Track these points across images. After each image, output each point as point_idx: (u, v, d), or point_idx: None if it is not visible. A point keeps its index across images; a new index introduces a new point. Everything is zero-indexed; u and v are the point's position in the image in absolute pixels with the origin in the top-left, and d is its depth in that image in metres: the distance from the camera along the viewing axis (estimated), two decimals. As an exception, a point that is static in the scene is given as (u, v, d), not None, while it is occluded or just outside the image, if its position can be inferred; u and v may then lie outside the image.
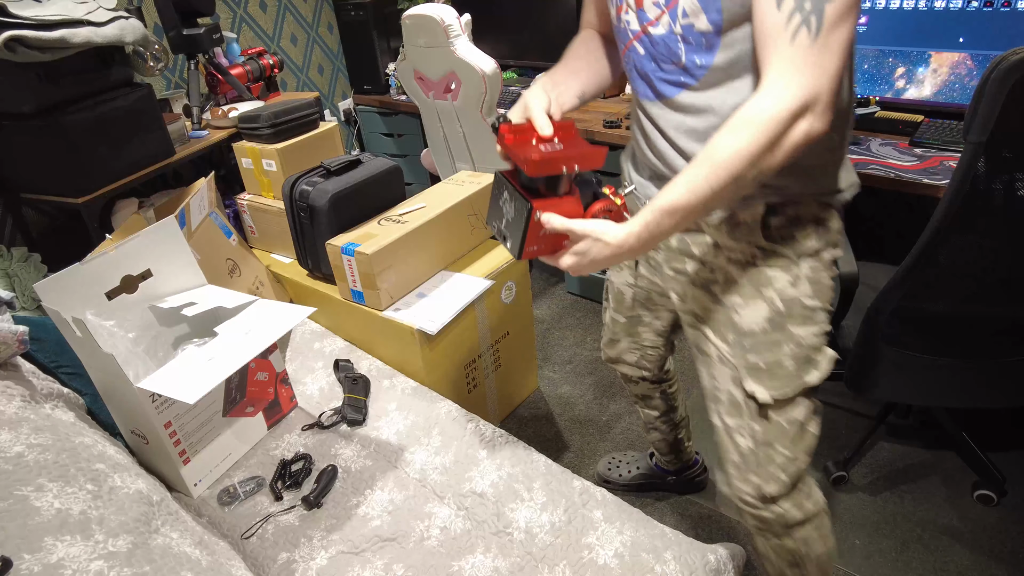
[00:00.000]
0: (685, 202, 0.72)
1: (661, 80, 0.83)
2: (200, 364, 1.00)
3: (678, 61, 0.79)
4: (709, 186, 0.70)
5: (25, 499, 0.81)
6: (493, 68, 2.00)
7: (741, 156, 0.68)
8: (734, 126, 0.69)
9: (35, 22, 1.44)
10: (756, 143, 0.68)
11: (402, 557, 1.00)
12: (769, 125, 0.67)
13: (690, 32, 0.75)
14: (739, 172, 0.69)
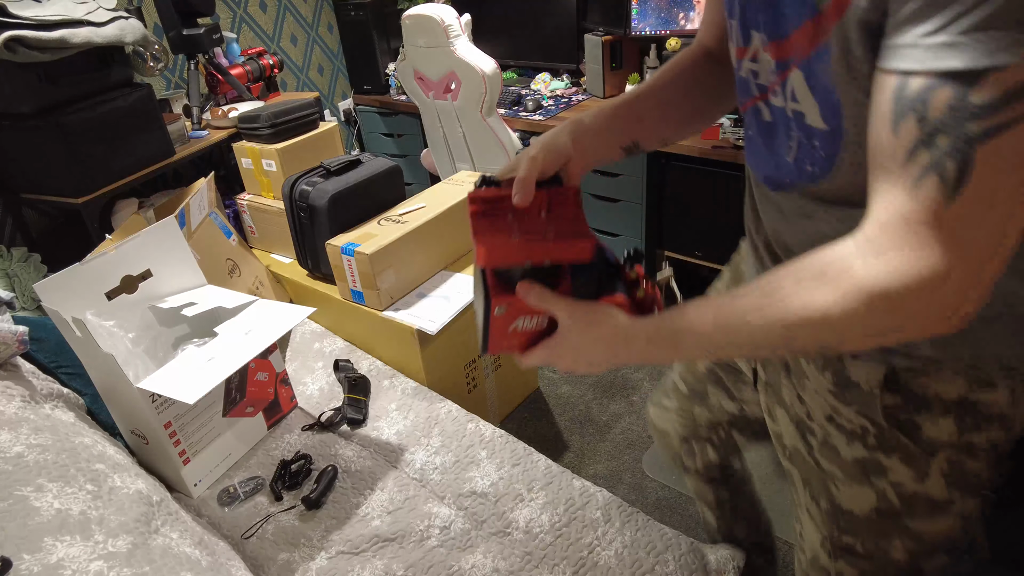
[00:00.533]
0: (712, 333, 0.52)
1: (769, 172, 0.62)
2: (200, 364, 1.00)
3: (788, 155, 0.57)
4: (749, 331, 0.51)
5: (25, 499, 0.81)
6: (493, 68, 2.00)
7: (800, 316, 0.48)
8: (806, 271, 0.48)
9: (35, 22, 1.44)
10: (827, 309, 0.46)
11: (402, 557, 1.00)
12: (854, 295, 0.45)
13: (800, 125, 0.53)
14: (793, 333, 0.49)
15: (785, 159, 0.58)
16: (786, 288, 0.49)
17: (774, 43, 0.52)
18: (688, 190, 2.11)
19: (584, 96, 2.47)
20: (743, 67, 0.60)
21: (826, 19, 0.47)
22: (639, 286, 0.63)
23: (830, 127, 0.51)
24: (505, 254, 0.57)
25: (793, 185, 0.58)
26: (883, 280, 0.44)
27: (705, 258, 2.22)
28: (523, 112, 2.37)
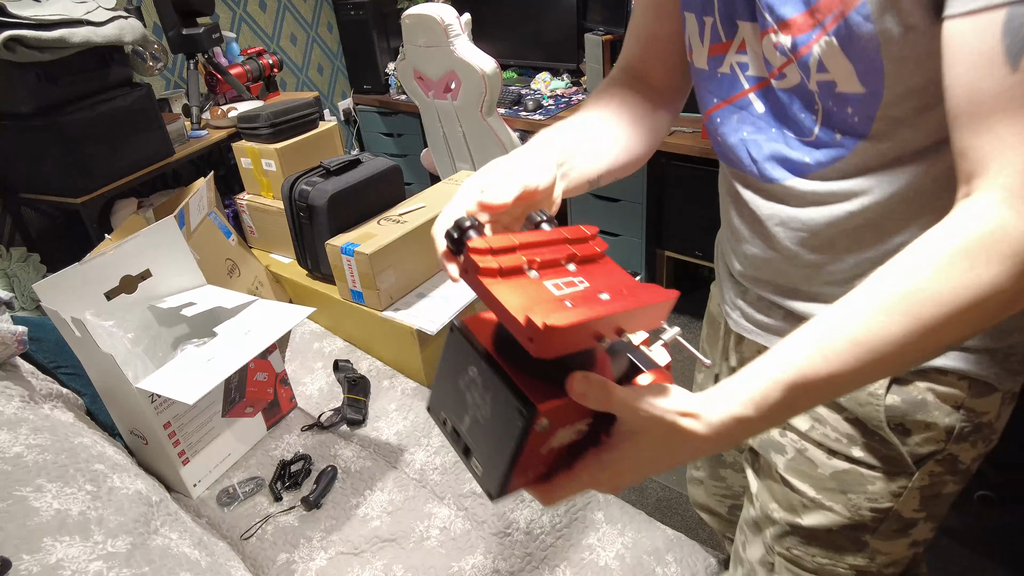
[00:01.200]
0: (851, 369, 0.42)
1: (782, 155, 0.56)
2: (199, 364, 1.00)
3: (806, 135, 0.53)
4: (898, 347, 0.42)
5: (24, 500, 0.80)
6: (493, 67, 2.00)
7: (966, 303, 0.41)
8: (945, 252, 0.41)
9: (34, 22, 1.44)
10: (998, 285, 0.40)
11: (402, 558, 1.00)
12: (1015, 261, 0.40)
13: (829, 94, 0.49)
14: (955, 328, 0.42)
15: (798, 143, 0.54)
16: (939, 281, 0.41)
17: (787, 21, 0.49)
18: (688, 189, 2.11)
19: (584, 96, 2.47)
20: (725, 62, 0.56)
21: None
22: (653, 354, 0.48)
23: (869, 89, 0.47)
24: (574, 333, 0.37)
25: (810, 167, 0.54)
26: None
27: (705, 258, 2.22)
28: (523, 112, 2.37)
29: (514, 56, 2.70)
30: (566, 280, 0.41)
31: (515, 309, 0.36)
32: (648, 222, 2.24)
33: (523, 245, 0.42)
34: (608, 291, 0.41)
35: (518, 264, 0.40)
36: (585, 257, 0.44)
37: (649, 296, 0.41)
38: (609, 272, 0.43)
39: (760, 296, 0.67)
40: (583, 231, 0.45)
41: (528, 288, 0.39)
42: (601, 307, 0.38)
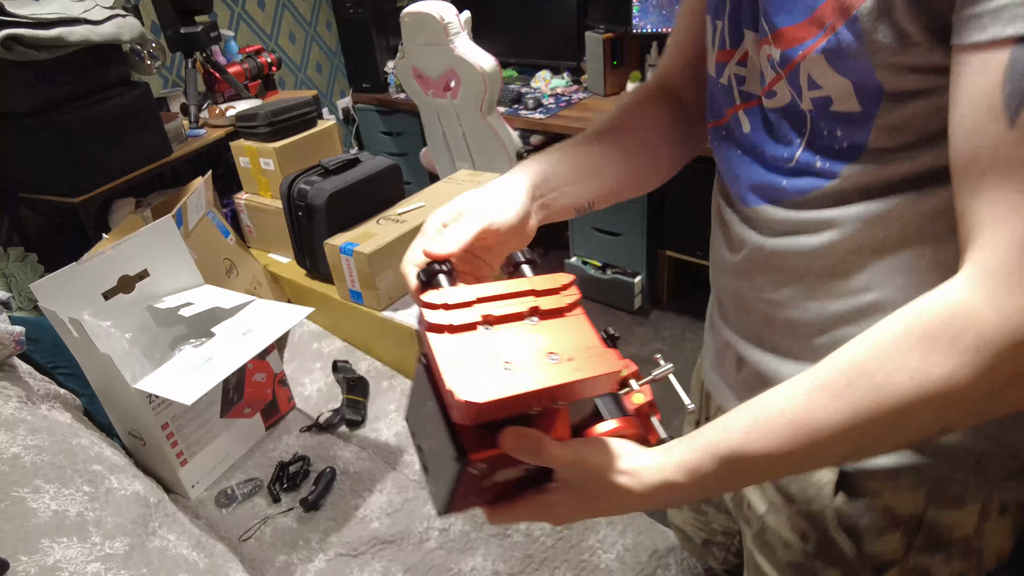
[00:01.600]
0: (784, 450, 0.39)
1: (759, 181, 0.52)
2: (197, 365, 1.00)
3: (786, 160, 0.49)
4: (838, 436, 0.38)
5: (22, 500, 0.80)
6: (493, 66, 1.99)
7: (914, 396, 0.36)
8: (904, 335, 0.37)
9: (32, 20, 1.43)
10: (948, 378, 0.35)
11: (401, 559, 1.00)
12: (989, 352, 0.35)
13: (823, 113, 0.45)
14: (904, 422, 0.37)
15: (776, 168, 0.50)
16: (881, 363, 0.37)
17: (779, 32, 0.44)
18: (689, 189, 2.10)
19: (585, 94, 2.46)
20: (725, 73, 0.52)
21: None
22: (630, 388, 0.48)
23: (864, 109, 0.42)
24: (517, 399, 0.37)
25: (786, 193, 0.49)
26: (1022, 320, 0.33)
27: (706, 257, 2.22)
28: (523, 110, 2.37)
29: (514, 54, 2.70)
30: (521, 338, 0.40)
31: (446, 373, 0.37)
32: (649, 222, 2.24)
33: (482, 299, 0.41)
34: (562, 353, 0.40)
35: (471, 321, 0.40)
36: (550, 311, 0.42)
37: (598, 366, 0.39)
38: (573, 329, 0.42)
39: (727, 343, 0.63)
40: (557, 280, 0.44)
41: (474, 348, 0.39)
42: (538, 378, 0.38)
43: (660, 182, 0.66)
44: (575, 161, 0.58)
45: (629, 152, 0.62)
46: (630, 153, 0.62)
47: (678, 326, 2.35)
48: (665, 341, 2.29)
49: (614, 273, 2.40)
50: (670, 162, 0.66)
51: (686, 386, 0.52)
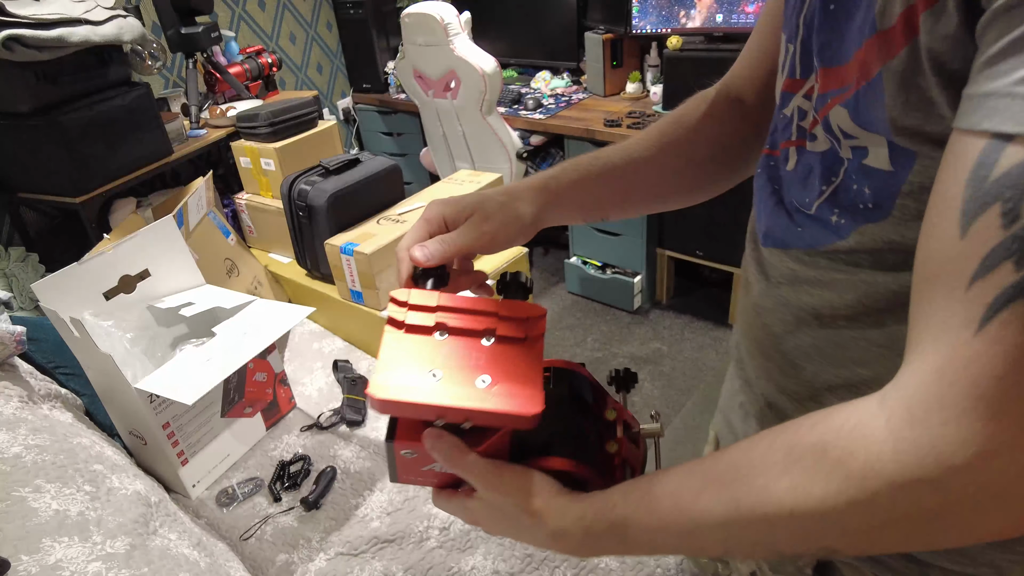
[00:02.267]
0: (665, 529, 0.39)
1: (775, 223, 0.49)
2: (198, 365, 1.00)
3: (807, 207, 0.45)
4: (715, 530, 0.37)
5: (23, 500, 0.80)
6: (493, 66, 2.00)
7: (784, 509, 0.34)
8: (800, 440, 0.34)
9: (33, 21, 1.44)
10: (822, 501, 0.32)
11: (401, 559, 1.00)
12: (874, 481, 0.31)
13: (857, 164, 0.40)
14: (777, 534, 0.35)
15: (796, 212, 0.46)
16: (768, 466, 0.34)
17: (824, 69, 0.41)
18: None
19: (585, 95, 2.47)
20: (791, 103, 0.47)
21: (888, 42, 0.34)
22: (613, 435, 0.47)
23: (895, 170, 0.37)
24: (413, 406, 0.40)
25: (796, 241, 0.46)
26: (917, 462, 0.29)
27: (705, 257, 2.22)
28: (523, 111, 2.37)
29: (514, 55, 2.70)
30: (465, 353, 0.42)
31: (380, 366, 0.41)
32: (649, 222, 2.24)
33: (445, 308, 0.44)
34: (493, 379, 0.41)
35: (427, 324, 0.43)
36: (507, 336, 0.43)
37: (509, 403, 0.40)
38: (521, 360, 0.42)
39: (738, 388, 0.59)
40: (528, 310, 0.45)
41: (416, 350, 0.42)
42: (443, 395, 0.40)
43: (706, 198, 0.63)
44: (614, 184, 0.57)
45: (679, 172, 0.59)
46: (680, 173, 0.59)
47: (677, 326, 2.35)
48: (664, 341, 2.29)
49: (614, 273, 2.40)
50: (718, 182, 0.62)
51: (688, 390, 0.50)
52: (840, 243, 0.42)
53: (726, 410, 0.64)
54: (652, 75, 2.34)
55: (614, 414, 0.49)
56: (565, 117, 2.26)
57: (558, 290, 2.58)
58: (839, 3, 0.39)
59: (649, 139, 0.59)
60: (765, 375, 0.53)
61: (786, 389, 0.51)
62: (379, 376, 0.40)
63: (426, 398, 0.39)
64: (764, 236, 0.50)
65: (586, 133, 2.15)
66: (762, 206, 0.51)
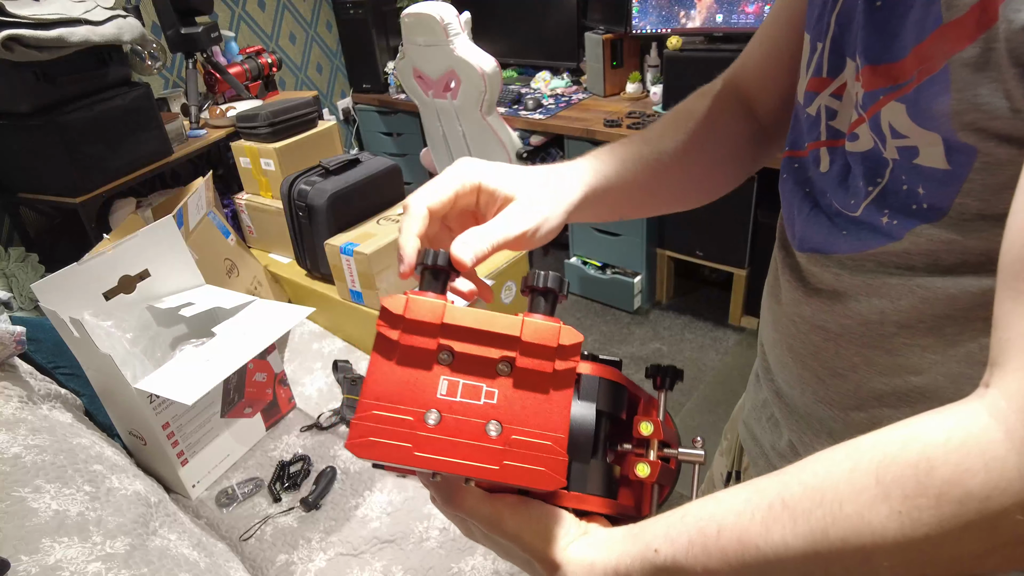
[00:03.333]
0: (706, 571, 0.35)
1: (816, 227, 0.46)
2: (198, 365, 1.00)
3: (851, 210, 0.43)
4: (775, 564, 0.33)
5: (22, 500, 0.80)
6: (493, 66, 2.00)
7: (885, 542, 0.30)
8: (889, 461, 0.30)
9: (32, 21, 1.44)
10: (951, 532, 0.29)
11: (401, 559, 1.00)
12: (997, 508, 0.28)
13: (906, 165, 0.38)
14: (867, 560, 0.31)
15: (839, 216, 0.44)
16: (857, 491, 0.30)
17: (871, 67, 0.39)
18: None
19: (584, 95, 2.47)
20: (815, 103, 0.46)
21: (957, 33, 0.32)
22: (644, 455, 0.41)
23: (954, 168, 0.35)
24: (395, 450, 0.34)
25: (841, 247, 0.43)
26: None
27: (705, 257, 2.22)
28: (523, 111, 2.37)
29: (514, 55, 2.70)
30: (476, 390, 0.35)
31: (362, 403, 0.34)
32: (649, 222, 2.24)
33: (451, 326, 0.35)
34: (506, 429, 0.34)
35: (428, 348, 0.35)
36: (529, 369, 0.35)
37: (524, 475, 0.33)
38: (543, 405, 0.35)
39: (765, 400, 0.57)
40: (560, 336, 0.35)
41: (413, 384, 0.34)
42: (447, 450, 0.33)
43: (712, 200, 0.60)
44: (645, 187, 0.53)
45: (702, 173, 0.57)
46: (702, 174, 0.57)
47: (677, 326, 2.35)
48: (664, 341, 2.29)
49: (614, 273, 2.40)
50: (730, 182, 0.60)
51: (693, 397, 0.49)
52: (893, 245, 0.40)
53: (750, 422, 0.62)
54: (652, 75, 2.34)
55: (650, 429, 0.41)
56: (565, 117, 2.26)
57: (558, 290, 2.58)
58: (887, 0, 0.37)
59: (676, 138, 0.55)
60: (801, 385, 0.50)
61: (827, 399, 0.48)
62: (361, 419, 0.33)
63: (418, 456, 0.33)
64: (800, 241, 0.47)
65: (586, 133, 2.15)
66: (795, 211, 0.48)
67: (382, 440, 0.33)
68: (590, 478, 0.39)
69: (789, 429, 0.53)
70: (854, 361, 0.45)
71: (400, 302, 0.35)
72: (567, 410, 0.35)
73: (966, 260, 0.37)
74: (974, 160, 0.34)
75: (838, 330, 0.45)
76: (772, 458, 0.58)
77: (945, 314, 0.39)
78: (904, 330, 0.41)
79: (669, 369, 0.45)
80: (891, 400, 0.43)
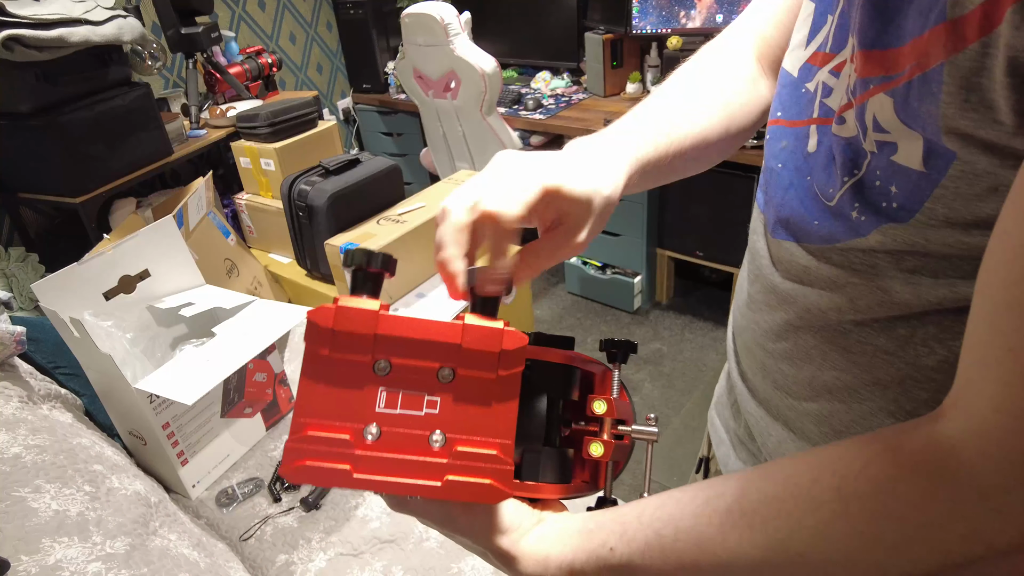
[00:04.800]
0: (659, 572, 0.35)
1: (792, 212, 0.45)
2: (198, 365, 1.00)
3: (828, 198, 0.42)
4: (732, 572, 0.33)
5: (23, 500, 0.80)
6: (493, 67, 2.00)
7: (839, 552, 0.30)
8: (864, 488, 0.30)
9: (33, 21, 1.44)
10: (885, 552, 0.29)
11: (401, 559, 1.00)
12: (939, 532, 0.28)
13: (884, 160, 0.37)
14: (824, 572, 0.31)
15: (816, 202, 0.43)
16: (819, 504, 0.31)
17: (865, 53, 0.37)
18: (690, 189, 2.10)
19: (585, 95, 2.47)
20: (816, 77, 0.44)
21: (958, 33, 0.31)
22: (599, 433, 0.42)
23: (929, 171, 0.35)
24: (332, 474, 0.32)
25: (812, 235, 0.43)
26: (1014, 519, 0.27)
27: (705, 257, 2.22)
28: (523, 111, 2.37)
29: (514, 55, 2.70)
30: (417, 400, 0.33)
31: (295, 422, 0.32)
32: (649, 222, 2.24)
33: (386, 335, 0.33)
34: (449, 439, 0.33)
35: (362, 359, 0.33)
36: (471, 378, 0.34)
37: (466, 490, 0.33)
38: (489, 412, 0.34)
39: (732, 385, 0.56)
40: (499, 339, 0.34)
41: (348, 398, 0.33)
42: (387, 467, 0.32)
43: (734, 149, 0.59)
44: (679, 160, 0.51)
45: (733, 140, 0.55)
46: (732, 141, 0.55)
47: (677, 326, 2.35)
48: (664, 341, 2.29)
49: (614, 273, 2.40)
50: (741, 140, 0.58)
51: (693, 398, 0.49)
52: (859, 241, 0.39)
53: (719, 407, 0.63)
54: (652, 75, 2.34)
55: (603, 407, 0.41)
56: (565, 117, 2.26)
57: (558, 290, 2.58)
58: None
59: (713, 106, 0.53)
60: (761, 372, 0.51)
61: (784, 387, 0.49)
62: (295, 441, 0.32)
63: (359, 476, 0.32)
64: (774, 226, 0.47)
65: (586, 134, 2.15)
66: (775, 193, 0.47)
67: (319, 464, 0.32)
68: (542, 466, 0.40)
69: (747, 413, 0.54)
70: (810, 353, 0.45)
71: (328, 314, 0.33)
72: (513, 416, 0.34)
73: (927, 264, 0.36)
74: (951, 166, 0.34)
75: (798, 322, 0.45)
76: (733, 443, 0.58)
77: (899, 315, 0.39)
78: (859, 328, 0.41)
79: (622, 343, 0.45)
80: (842, 395, 0.43)
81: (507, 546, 0.38)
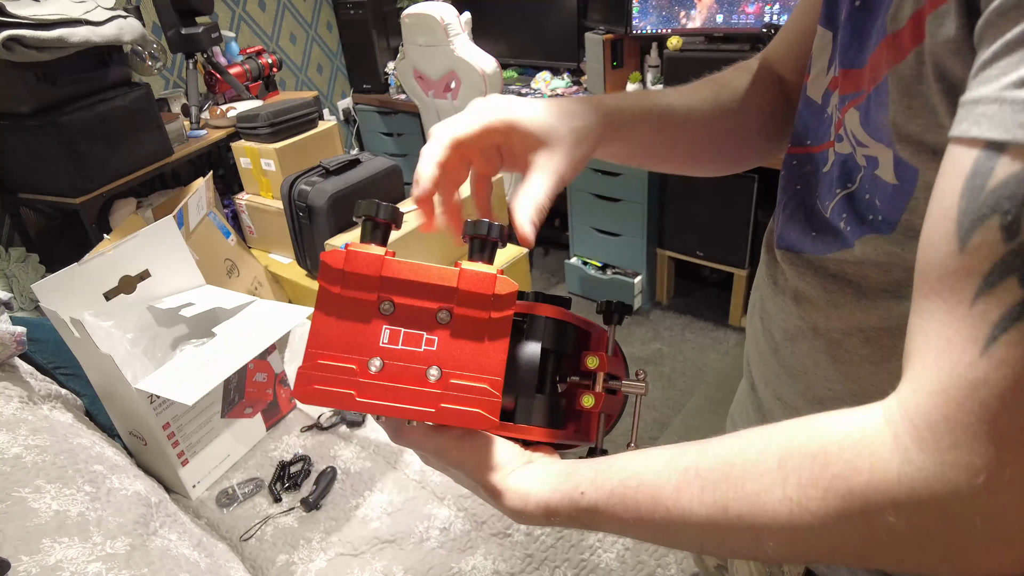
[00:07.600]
0: (640, 525, 0.37)
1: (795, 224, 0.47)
2: (198, 365, 1.00)
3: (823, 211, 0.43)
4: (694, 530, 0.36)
5: (23, 500, 0.80)
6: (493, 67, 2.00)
7: (773, 521, 0.32)
8: (796, 448, 0.32)
9: (33, 21, 1.44)
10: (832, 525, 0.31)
11: (401, 559, 1.00)
12: (875, 508, 0.29)
13: (870, 174, 0.38)
14: (763, 541, 0.33)
15: (821, 214, 0.44)
16: (760, 473, 0.33)
17: (844, 71, 0.39)
18: (690, 189, 2.10)
19: (585, 95, 2.47)
20: (831, 101, 0.43)
21: (897, 45, 0.33)
22: (591, 386, 0.45)
23: (901, 184, 0.35)
24: (338, 397, 0.36)
25: (808, 248, 0.44)
26: (925, 485, 0.28)
27: (705, 257, 2.22)
28: (523, 111, 2.37)
29: (514, 55, 2.70)
30: (416, 337, 0.37)
31: (308, 351, 0.37)
32: (649, 222, 2.24)
33: (391, 277, 0.37)
34: (445, 372, 0.37)
35: (368, 298, 0.37)
36: (466, 316, 0.37)
37: (460, 415, 0.36)
38: (482, 349, 0.37)
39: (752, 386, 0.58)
40: (493, 284, 0.37)
41: (355, 332, 0.37)
42: (389, 394, 0.36)
43: (733, 172, 0.61)
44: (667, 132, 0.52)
45: (727, 136, 0.56)
46: (727, 138, 0.56)
47: (678, 326, 2.35)
48: (665, 341, 2.29)
49: (614, 273, 2.40)
50: (756, 157, 0.60)
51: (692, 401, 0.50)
52: (847, 252, 0.40)
53: (735, 413, 0.64)
54: (652, 76, 2.34)
55: (596, 362, 0.44)
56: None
57: (558, 290, 2.58)
58: (864, 2, 0.37)
59: (704, 96, 0.55)
60: (765, 381, 0.52)
61: (783, 397, 0.50)
62: (307, 368, 0.36)
63: (362, 400, 0.36)
64: (779, 238, 0.48)
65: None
66: (781, 207, 0.49)
67: (326, 388, 0.36)
68: (535, 411, 0.43)
69: (757, 421, 0.55)
70: (805, 363, 0.46)
71: (340, 256, 0.37)
72: (503, 354, 0.37)
73: (908, 277, 0.37)
74: (917, 179, 0.35)
75: (795, 331, 0.46)
76: None
77: (883, 326, 0.40)
78: (848, 338, 0.42)
79: (618, 304, 0.48)
80: (832, 405, 0.43)
81: (495, 481, 0.41)
